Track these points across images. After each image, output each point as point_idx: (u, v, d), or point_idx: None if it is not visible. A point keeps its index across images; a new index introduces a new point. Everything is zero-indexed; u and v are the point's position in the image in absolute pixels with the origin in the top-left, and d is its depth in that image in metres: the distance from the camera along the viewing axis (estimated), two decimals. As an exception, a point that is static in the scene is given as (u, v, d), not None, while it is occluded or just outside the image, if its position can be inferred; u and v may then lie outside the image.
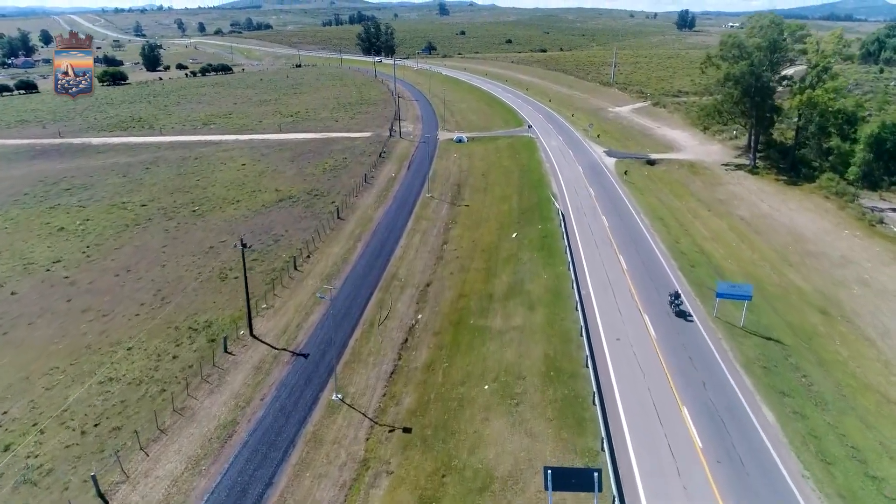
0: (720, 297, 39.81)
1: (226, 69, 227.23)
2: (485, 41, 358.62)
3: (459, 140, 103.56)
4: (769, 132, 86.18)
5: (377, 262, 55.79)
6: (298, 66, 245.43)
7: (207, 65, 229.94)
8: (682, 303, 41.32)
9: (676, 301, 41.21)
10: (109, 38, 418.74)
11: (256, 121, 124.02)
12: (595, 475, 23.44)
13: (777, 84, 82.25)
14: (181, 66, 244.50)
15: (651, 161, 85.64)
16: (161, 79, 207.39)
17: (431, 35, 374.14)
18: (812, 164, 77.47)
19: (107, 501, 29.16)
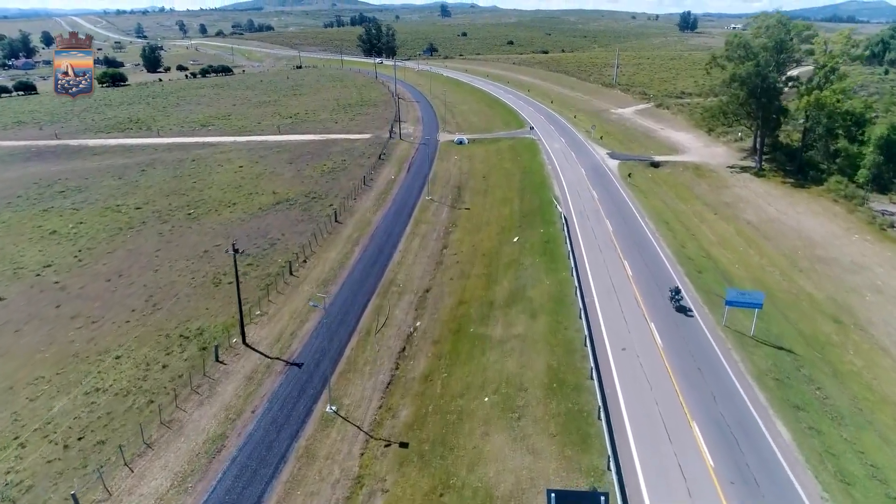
0: (729, 306, 38.36)
1: (226, 70, 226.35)
2: (486, 42, 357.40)
3: (460, 142, 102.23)
4: (775, 134, 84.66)
5: (375, 267, 54.41)
6: (299, 68, 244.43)
7: (208, 66, 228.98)
8: (682, 297, 41.50)
9: (677, 297, 41.27)
10: (111, 40, 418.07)
11: (255, 122, 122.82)
12: (602, 499, 21.99)
13: (783, 85, 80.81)
14: (181, 68, 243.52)
15: (655, 163, 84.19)
16: (161, 80, 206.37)
17: (433, 36, 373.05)
18: (819, 167, 75.98)
19: (87, 521, 27.85)
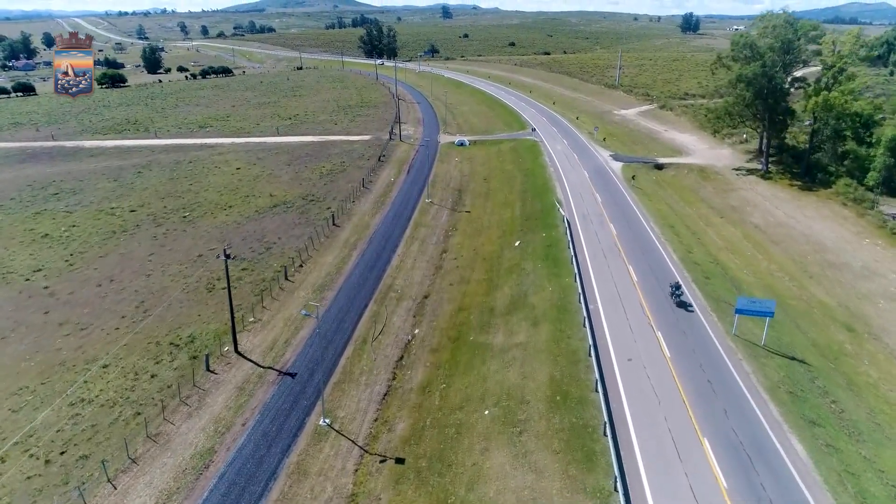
0: (740, 314, 36.87)
1: (226, 71, 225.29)
2: (488, 44, 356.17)
3: (461, 143, 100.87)
4: (782, 136, 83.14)
5: (373, 272, 52.98)
6: (299, 69, 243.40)
7: (208, 67, 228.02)
8: (683, 293, 41.29)
9: (677, 292, 41.06)
10: (112, 41, 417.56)
11: (254, 123, 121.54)
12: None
13: (790, 86, 79.34)
14: (182, 69, 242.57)
15: (659, 165, 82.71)
16: (160, 81, 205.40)
17: (434, 38, 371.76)
18: (828, 169, 74.42)
19: (66, 543, 26.43)
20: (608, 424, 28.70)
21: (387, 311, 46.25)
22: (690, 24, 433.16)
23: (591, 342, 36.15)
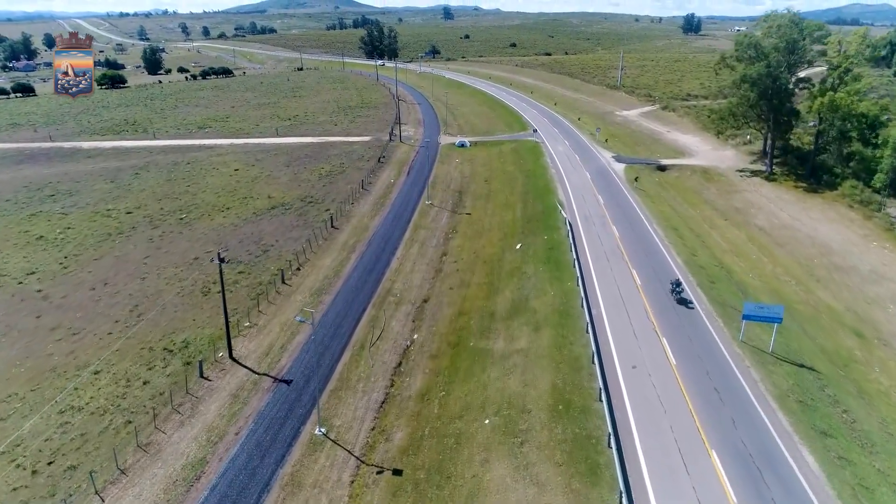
0: (747, 320, 35.90)
1: (227, 72, 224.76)
2: (489, 45, 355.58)
3: (462, 144, 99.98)
4: (786, 137, 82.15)
5: (371, 276, 52.08)
6: (300, 70, 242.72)
7: (208, 68, 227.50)
8: (683, 290, 41.41)
9: (677, 289, 40.86)
10: (113, 42, 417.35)
11: (253, 124, 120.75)
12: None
13: (794, 87, 78.38)
14: (182, 70, 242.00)
15: (662, 167, 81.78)
16: (160, 82, 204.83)
17: (435, 39, 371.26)
18: (833, 171, 73.42)
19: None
20: (612, 435, 27.73)
21: (385, 316, 45.34)
22: (692, 25, 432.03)
23: (595, 348, 35.20)
